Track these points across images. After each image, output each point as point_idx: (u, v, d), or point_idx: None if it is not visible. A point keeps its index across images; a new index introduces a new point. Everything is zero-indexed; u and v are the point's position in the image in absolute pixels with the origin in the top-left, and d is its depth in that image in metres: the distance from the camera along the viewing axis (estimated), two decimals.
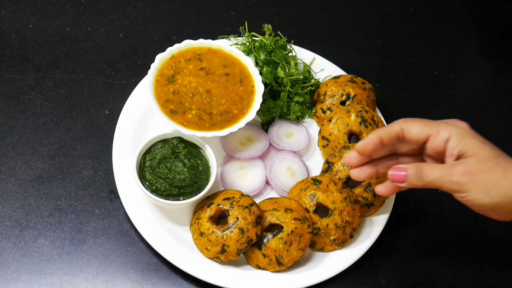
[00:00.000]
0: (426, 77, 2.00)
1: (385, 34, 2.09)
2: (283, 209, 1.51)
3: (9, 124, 1.71)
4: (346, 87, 1.75)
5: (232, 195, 1.53)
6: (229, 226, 1.47)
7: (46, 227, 1.56)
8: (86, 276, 1.50)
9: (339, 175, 1.60)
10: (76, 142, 1.70)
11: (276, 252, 1.48)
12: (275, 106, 1.75)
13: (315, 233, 1.53)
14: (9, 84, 1.79)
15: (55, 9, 1.97)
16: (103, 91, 1.81)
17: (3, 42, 1.87)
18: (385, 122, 1.73)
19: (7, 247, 1.52)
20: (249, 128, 1.72)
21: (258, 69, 1.71)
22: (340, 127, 1.67)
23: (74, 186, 1.63)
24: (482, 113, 1.94)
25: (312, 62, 1.86)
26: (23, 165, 1.65)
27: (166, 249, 1.50)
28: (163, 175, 1.52)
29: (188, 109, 1.62)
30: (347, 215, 1.53)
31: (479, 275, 1.61)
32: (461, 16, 2.17)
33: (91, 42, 1.91)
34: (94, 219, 1.58)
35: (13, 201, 1.59)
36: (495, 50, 2.10)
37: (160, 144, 1.58)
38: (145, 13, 2.01)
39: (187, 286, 1.51)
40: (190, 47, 1.72)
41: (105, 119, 1.75)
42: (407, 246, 1.64)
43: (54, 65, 1.84)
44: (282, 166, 1.66)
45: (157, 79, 1.65)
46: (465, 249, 1.65)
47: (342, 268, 1.53)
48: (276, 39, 1.80)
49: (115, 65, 1.87)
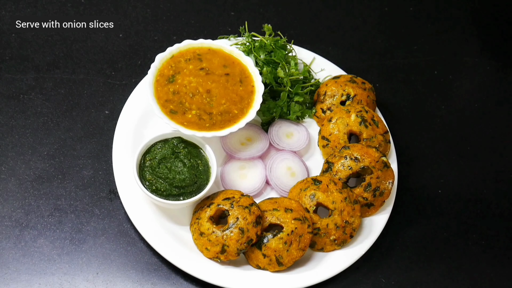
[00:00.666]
0: (426, 77, 2.00)
1: (385, 34, 2.09)
2: (283, 209, 1.51)
3: (9, 124, 1.71)
4: (346, 87, 1.75)
5: (232, 195, 1.53)
6: (229, 226, 1.47)
7: (46, 227, 1.56)
8: (86, 276, 1.50)
9: (339, 175, 1.60)
10: (76, 142, 1.70)
11: (276, 252, 1.48)
12: (275, 106, 1.75)
13: (315, 233, 1.53)
14: (9, 84, 1.79)
15: (55, 9, 1.97)
16: (103, 91, 1.81)
17: (3, 42, 1.87)
18: (385, 122, 1.73)
19: (7, 247, 1.52)
20: (249, 128, 1.72)
21: (258, 69, 1.71)
22: (340, 127, 1.67)
23: (74, 186, 1.63)
24: (482, 113, 1.94)
25: (312, 62, 1.86)
26: (23, 165, 1.65)
27: (166, 249, 1.50)
28: (163, 175, 1.52)
29: (188, 109, 1.62)
30: (347, 215, 1.53)
31: (479, 275, 1.61)
32: (461, 16, 2.17)
33: (91, 42, 1.91)
34: (94, 219, 1.58)
35: (13, 201, 1.59)
36: (495, 50, 2.10)
37: (160, 144, 1.58)
38: (145, 13, 2.01)
39: (187, 286, 1.51)
40: (190, 47, 1.71)
41: (105, 119, 1.75)
42: (407, 246, 1.64)
43: (54, 65, 1.84)
44: (282, 166, 1.66)
45: (157, 79, 1.65)
46: (465, 249, 1.65)
47: (342, 268, 1.53)
48: (276, 39, 1.80)
49: (115, 65, 1.87)
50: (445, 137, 1.87)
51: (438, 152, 1.83)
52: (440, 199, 1.73)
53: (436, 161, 1.81)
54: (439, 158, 1.82)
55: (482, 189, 1.77)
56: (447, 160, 1.82)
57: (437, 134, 1.87)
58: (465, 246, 1.66)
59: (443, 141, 1.86)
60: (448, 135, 1.87)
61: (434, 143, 1.85)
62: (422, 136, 1.86)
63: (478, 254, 1.65)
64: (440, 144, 1.85)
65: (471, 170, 1.80)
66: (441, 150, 1.84)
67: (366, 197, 1.58)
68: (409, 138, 1.84)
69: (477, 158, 1.83)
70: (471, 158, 1.83)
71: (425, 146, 1.84)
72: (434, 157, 1.82)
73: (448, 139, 1.86)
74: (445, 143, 1.86)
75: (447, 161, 1.81)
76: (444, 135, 1.87)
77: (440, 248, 1.65)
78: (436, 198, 1.73)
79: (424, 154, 1.82)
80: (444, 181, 1.77)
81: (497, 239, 1.68)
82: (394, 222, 1.65)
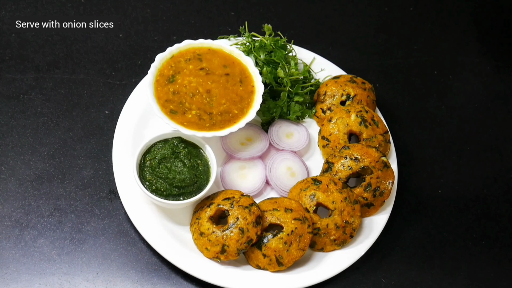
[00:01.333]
0: (426, 77, 2.00)
1: (385, 34, 2.09)
2: (283, 209, 1.51)
3: (9, 124, 1.71)
4: (346, 87, 1.75)
5: (232, 195, 1.53)
6: (229, 226, 1.47)
7: (46, 227, 1.56)
8: (86, 276, 1.50)
9: (339, 175, 1.60)
10: (76, 142, 1.70)
11: (276, 252, 1.48)
12: (275, 106, 1.75)
13: (315, 233, 1.53)
14: (9, 84, 1.79)
15: (55, 9, 1.97)
16: (103, 91, 1.81)
17: (3, 42, 1.87)
18: (385, 122, 1.73)
19: (7, 247, 1.52)
20: (249, 128, 1.72)
21: (258, 69, 1.71)
22: (340, 127, 1.67)
23: (74, 186, 1.63)
24: (482, 113, 1.94)
25: (312, 62, 1.86)
26: (23, 165, 1.65)
27: (166, 249, 1.50)
28: (163, 175, 1.52)
29: (188, 109, 1.62)
30: (347, 215, 1.53)
31: (479, 275, 1.61)
32: (461, 16, 2.17)
33: (91, 42, 1.91)
34: (94, 219, 1.58)
35: (13, 201, 1.59)
36: (495, 50, 2.10)
37: (160, 144, 1.58)
38: (145, 13, 2.01)
39: (187, 286, 1.51)
40: (190, 47, 1.71)
41: (105, 119, 1.75)
42: (407, 246, 1.64)
43: (54, 65, 1.84)
44: (282, 166, 1.66)
45: (157, 79, 1.65)
46: (464, 249, 1.65)
47: (342, 268, 1.53)
48: (276, 39, 1.80)
49: (115, 65, 1.87)
50: (445, 137, 1.87)
51: (438, 152, 1.83)
52: (440, 199, 1.73)
53: (436, 161, 1.81)
54: (439, 158, 1.82)
55: (482, 189, 1.77)
56: (447, 160, 1.82)
57: (437, 134, 1.87)
58: (465, 246, 1.66)
59: (443, 141, 1.86)
60: (448, 135, 1.87)
61: (434, 143, 1.85)
62: (422, 136, 1.86)
63: (478, 254, 1.65)
64: (440, 144, 1.85)
65: (471, 170, 1.80)
66: (441, 150, 1.84)
67: (366, 197, 1.58)
68: (409, 138, 1.84)
69: (477, 158, 1.83)
70: (471, 158, 1.83)
71: (425, 146, 1.84)
72: (434, 157, 1.82)
73: (448, 139, 1.86)
74: (445, 143, 1.86)
75: (447, 161, 1.82)
76: (444, 135, 1.87)
77: (440, 248, 1.65)
78: (436, 198, 1.73)
79: (424, 154, 1.82)
80: (444, 181, 1.77)
81: (497, 239, 1.68)
82: (394, 222, 1.65)
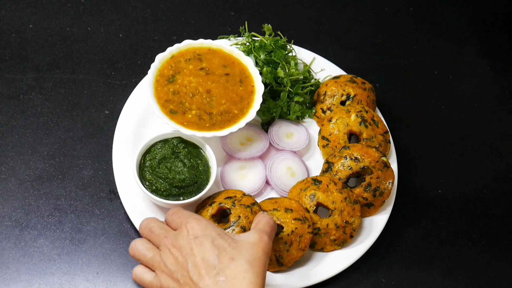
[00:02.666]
0: (426, 77, 2.00)
1: (385, 34, 2.09)
2: (283, 209, 1.51)
3: (9, 124, 1.71)
4: (346, 87, 1.75)
5: (233, 195, 1.53)
6: (231, 225, 1.47)
7: (46, 227, 1.56)
8: (86, 276, 1.50)
9: (339, 175, 1.60)
10: (76, 142, 1.70)
11: (276, 252, 1.48)
12: (275, 106, 1.75)
13: (315, 233, 1.53)
14: (9, 84, 1.79)
15: (55, 9, 1.97)
16: (103, 91, 1.81)
17: (3, 42, 1.87)
18: (385, 122, 1.73)
19: (7, 247, 1.52)
20: (249, 128, 1.72)
21: (258, 69, 1.71)
22: (340, 127, 1.67)
23: (74, 186, 1.63)
24: (482, 113, 1.94)
25: (312, 62, 1.86)
26: (23, 165, 1.65)
27: None
28: (163, 175, 1.52)
29: (188, 109, 1.62)
30: (347, 215, 1.53)
31: (479, 275, 1.61)
32: (461, 16, 2.17)
33: (91, 42, 1.91)
34: (94, 219, 1.58)
35: (13, 201, 1.59)
36: (495, 50, 2.10)
37: (160, 144, 1.58)
38: (145, 13, 2.01)
39: None
40: (190, 47, 1.72)
41: (105, 119, 1.75)
42: (407, 246, 1.64)
43: (54, 65, 1.84)
44: (282, 166, 1.66)
45: (157, 79, 1.65)
46: (465, 249, 1.65)
47: (342, 268, 1.53)
48: (276, 39, 1.80)
49: (115, 65, 1.87)
50: (445, 137, 1.87)
51: (438, 152, 1.83)
52: (440, 199, 1.73)
53: (436, 161, 1.81)
54: (439, 158, 1.82)
55: (482, 189, 1.77)
56: (447, 160, 1.82)
57: (437, 134, 1.87)
58: (465, 246, 1.66)
59: (443, 141, 1.86)
60: (448, 135, 1.87)
61: (434, 143, 1.85)
62: (422, 136, 1.86)
63: (478, 254, 1.65)
64: (440, 144, 1.85)
65: (471, 170, 1.80)
66: (441, 150, 1.84)
67: (366, 197, 1.58)
68: (409, 138, 1.84)
69: (477, 158, 1.83)
70: (471, 158, 1.83)
71: (425, 146, 1.84)
72: (434, 157, 1.82)
73: (448, 139, 1.86)
74: (445, 143, 1.86)
75: (447, 161, 1.81)
76: (444, 135, 1.87)
77: (440, 248, 1.65)
78: (436, 198, 1.73)
79: (424, 154, 1.82)
80: (444, 181, 1.77)
81: (497, 239, 1.68)
82: (394, 222, 1.65)
